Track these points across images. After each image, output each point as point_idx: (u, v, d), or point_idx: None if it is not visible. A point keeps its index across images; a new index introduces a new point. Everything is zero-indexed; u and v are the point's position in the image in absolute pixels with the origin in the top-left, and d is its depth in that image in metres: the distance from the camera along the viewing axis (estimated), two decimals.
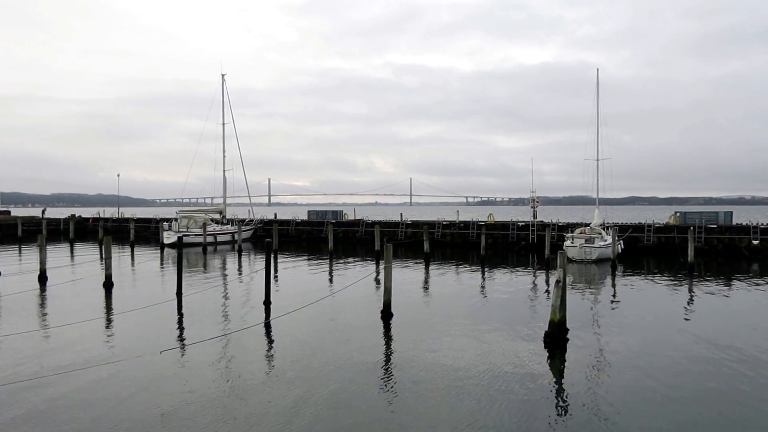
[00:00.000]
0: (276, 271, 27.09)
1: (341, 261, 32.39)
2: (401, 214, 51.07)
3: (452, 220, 45.66)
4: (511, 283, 23.11)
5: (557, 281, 13.05)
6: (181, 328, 14.62)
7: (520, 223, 41.72)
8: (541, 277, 25.47)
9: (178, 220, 45.74)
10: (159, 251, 37.99)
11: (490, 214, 47.06)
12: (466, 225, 43.37)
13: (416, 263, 30.66)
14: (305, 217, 54.52)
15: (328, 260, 32.14)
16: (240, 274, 26.80)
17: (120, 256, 34.92)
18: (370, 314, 15.97)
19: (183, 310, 16.73)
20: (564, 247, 31.64)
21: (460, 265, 30.29)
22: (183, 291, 19.02)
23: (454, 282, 23.68)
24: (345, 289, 18.79)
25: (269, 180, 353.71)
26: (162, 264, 30.91)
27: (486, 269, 28.01)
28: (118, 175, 70.01)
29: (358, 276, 24.07)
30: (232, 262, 32.92)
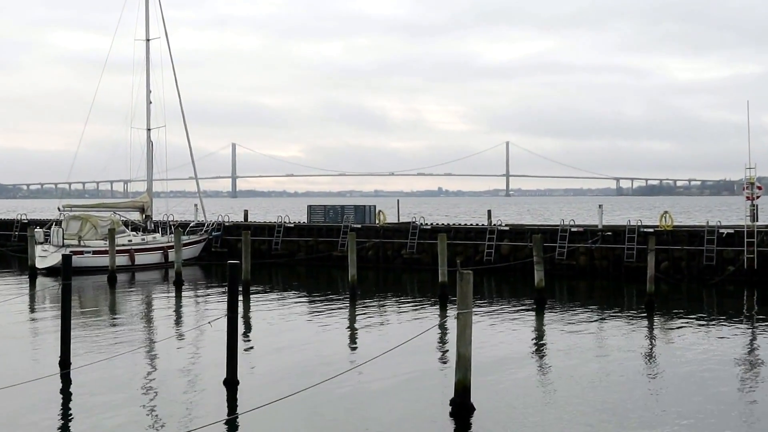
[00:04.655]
0: (248, 322, 27.28)
1: (372, 302, 32.61)
2: (489, 213, 50.25)
3: (589, 225, 45.23)
4: (710, 346, 22.89)
5: None
6: (64, 426, 14.81)
7: (724, 231, 40.82)
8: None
9: (64, 224, 46.27)
10: (27, 282, 38.91)
11: (665, 212, 46.03)
12: (618, 234, 42.58)
13: (519, 307, 30.60)
14: (302, 219, 54.49)
15: (346, 302, 32.37)
16: (178, 327, 27.07)
17: None
18: (428, 407, 15.99)
19: (73, 395, 16.98)
20: None
21: (607, 309, 30.19)
22: (72, 360, 19.14)
23: (595, 343, 23.55)
24: (380, 359, 18.57)
25: (233, 147, 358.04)
26: (33, 306, 31.66)
27: (658, 317, 27.90)
28: None
29: (405, 332, 23.62)
30: (163, 303, 33.26)
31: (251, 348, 22.66)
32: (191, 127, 56.71)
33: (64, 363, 18.98)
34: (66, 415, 15.73)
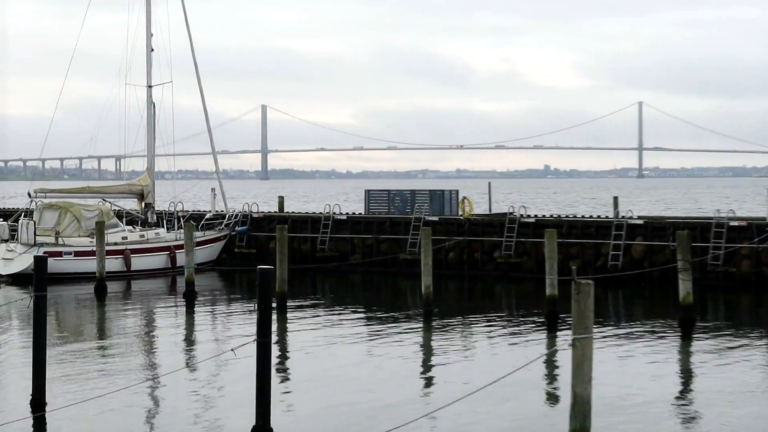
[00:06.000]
0: (284, 349, 27.35)
1: (453, 324, 32.53)
2: (615, 200, 49.79)
3: (755, 218, 45.92)
4: None
5: None
6: None
7: None
8: None
9: (36, 215, 46.66)
10: None
11: None
12: None
13: (657, 330, 30.72)
14: (358, 209, 54.19)
15: (418, 322, 32.39)
16: (189, 355, 27.36)
17: None
18: None
19: None
20: None
21: None
22: (48, 399, 19.12)
23: (766, 383, 23.27)
24: (464, 402, 17.93)
25: (263, 110, 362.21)
26: None
27: None
28: None
29: (498, 365, 23.84)
30: (170, 323, 33.33)
31: (288, 384, 22.34)
32: (207, 84, 56.08)
33: (37, 404, 18.77)
34: None
